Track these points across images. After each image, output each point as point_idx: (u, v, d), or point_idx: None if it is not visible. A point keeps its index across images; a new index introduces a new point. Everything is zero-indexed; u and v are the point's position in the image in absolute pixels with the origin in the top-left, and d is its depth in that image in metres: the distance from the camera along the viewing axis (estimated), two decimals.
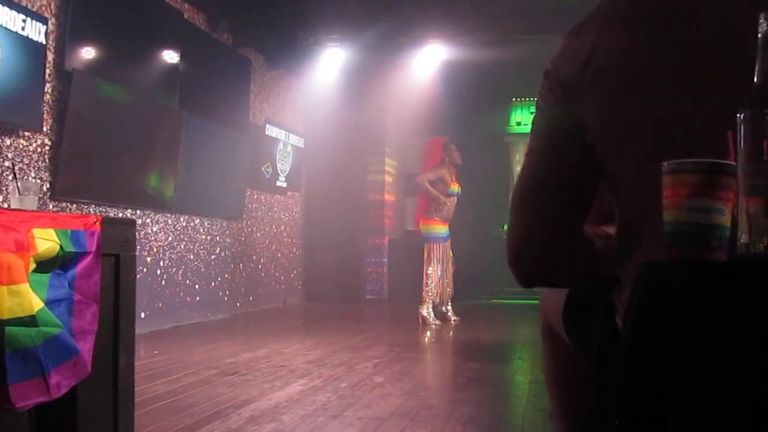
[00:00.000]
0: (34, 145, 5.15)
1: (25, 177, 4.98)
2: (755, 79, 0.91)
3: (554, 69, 1.26)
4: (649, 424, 0.92)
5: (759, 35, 0.91)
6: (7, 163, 4.86)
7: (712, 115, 1.06)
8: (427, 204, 7.28)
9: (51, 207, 5.25)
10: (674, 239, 0.95)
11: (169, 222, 6.91)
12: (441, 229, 7.27)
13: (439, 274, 7.23)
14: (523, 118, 11.10)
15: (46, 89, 5.19)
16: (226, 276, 7.99)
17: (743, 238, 0.91)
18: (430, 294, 7.21)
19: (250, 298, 8.53)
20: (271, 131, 9.07)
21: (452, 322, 7.30)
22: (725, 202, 0.93)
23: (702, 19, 1.14)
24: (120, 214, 6.06)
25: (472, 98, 10.42)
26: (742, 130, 0.90)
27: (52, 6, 5.30)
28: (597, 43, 1.20)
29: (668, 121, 1.14)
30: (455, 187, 7.28)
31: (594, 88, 1.19)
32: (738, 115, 0.91)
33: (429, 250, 7.27)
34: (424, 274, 7.24)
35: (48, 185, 5.26)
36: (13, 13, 4.74)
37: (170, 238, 6.92)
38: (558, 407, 1.66)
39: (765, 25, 0.90)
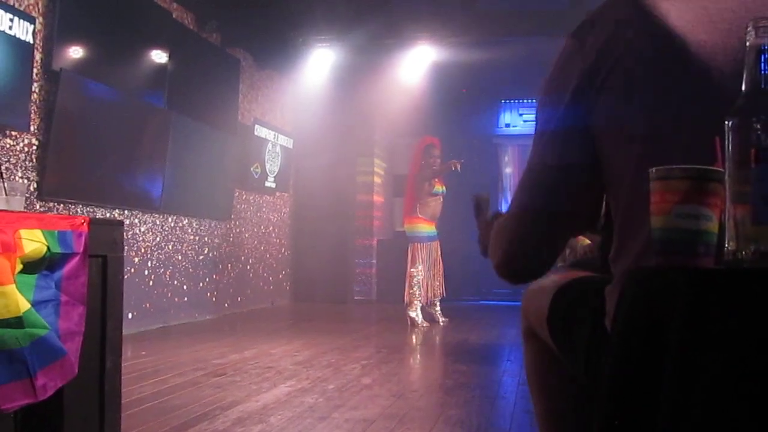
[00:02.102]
0: (21, 144, 5.12)
1: (12, 177, 4.95)
2: (743, 87, 0.92)
3: (561, 72, 1.26)
4: (636, 430, 0.92)
5: (747, 44, 0.92)
6: None
7: (708, 122, 1.06)
8: (412, 202, 7.26)
9: (38, 207, 5.22)
10: (662, 245, 0.96)
11: (157, 222, 6.89)
12: (425, 228, 7.22)
13: (423, 275, 7.18)
14: (512, 120, 11.12)
15: (33, 89, 5.16)
16: (214, 276, 7.97)
17: (730, 245, 0.91)
18: (415, 296, 7.18)
19: (238, 299, 8.51)
20: (260, 131, 9.05)
21: (441, 323, 7.31)
22: (713, 208, 0.94)
23: (706, 24, 1.14)
24: (107, 214, 6.04)
25: (461, 99, 10.44)
26: (730, 137, 0.91)
27: (40, 5, 5.27)
28: (604, 44, 1.20)
29: (665, 126, 1.15)
30: (440, 187, 7.28)
31: (601, 89, 1.20)
32: (726, 122, 0.92)
33: (413, 251, 7.23)
34: (408, 275, 7.19)
35: (35, 185, 5.24)
36: (0, 12, 4.71)
37: (158, 239, 6.89)
38: (541, 410, 1.65)
39: (753, 34, 0.91)
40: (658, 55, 1.16)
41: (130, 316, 6.10)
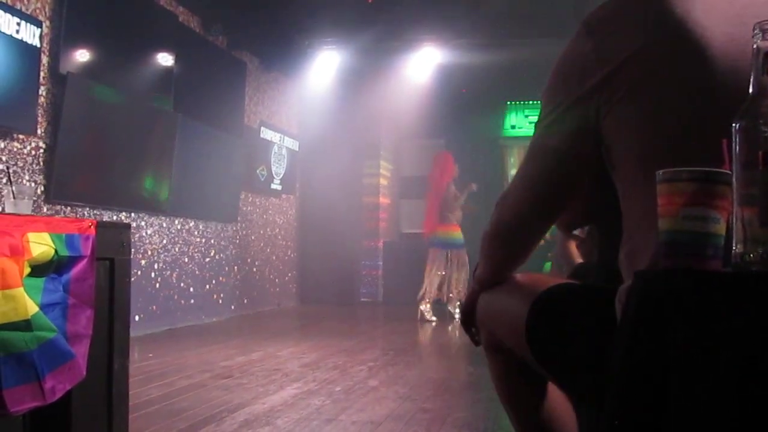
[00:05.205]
0: (29, 148, 5.14)
1: (20, 180, 4.97)
2: (750, 90, 0.92)
3: (574, 67, 1.25)
4: (642, 429, 0.92)
5: (754, 46, 0.92)
6: (0, 166, 4.85)
7: (719, 124, 1.04)
8: (439, 210, 7.86)
9: (45, 210, 5.24)
10: (669, 247, 0.95)
11: (164, 225, 6.90)
12: (458, 234, 7.96)
13: (443, 275, 7.86)
14: (517, 121, 11.11)
15: (40, 92, 5.18)
16: (221, 279, 7.98)
17: (738, 248, 0.91)
18: (428, 294, 7.84)
19: (245, 301, 8.52)
20: (266, 134, 9.07)
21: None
22: (720, 210, 0.93)
23: (714, 28, 1.13)
24: (114, 217, 6.05)
25: (466, 101, 10.43)
26: (737, 139, 0.91)
27: (47, 9, 5.29)
28: (623, 46, 1.18)
29: (681, 127, 1.13)
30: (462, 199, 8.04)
31: (617, 92, 1.18)
32: (733, 124, 0.91)
33: (450, 257, 7.94)
34: (435, 276, 7.88)
35: (42, 188, 5.25)
36: (8, 16, 4.73)
37: (165, 241, 6.91)
38: (517, 425, 1.57)
39: (761, 36, 0.91)
40: (679, 54, 1.14)
41: (137, 318, 6.11)
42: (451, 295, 8.04)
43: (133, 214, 6.37)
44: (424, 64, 8.85)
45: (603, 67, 1.19)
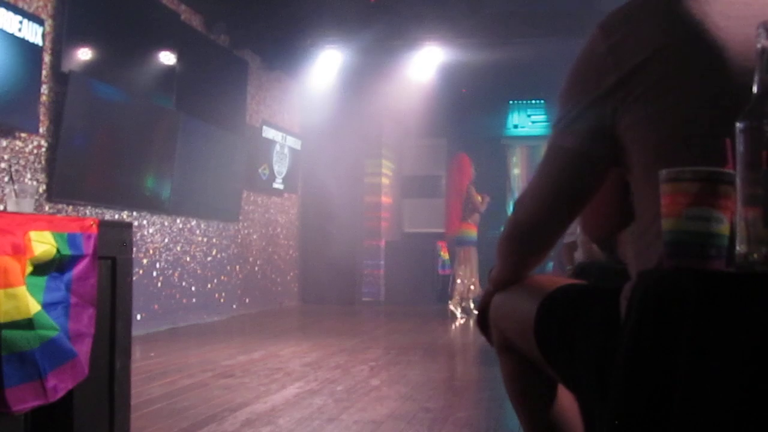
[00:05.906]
0: (31, 146, 5.14)
1: (22, 179, 4.97)
2: (754, 90, 0.91)
3: (589, 69, 1.24)
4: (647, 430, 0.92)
5: (758, 46, 0.91)
6: (3, 165, 4.86)
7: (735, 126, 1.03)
8: (461, 210, 8.19)
9: (47, 209, 5.24)
10: (673, 248, 0.95)
11: (166, 224, 6.90)
12: (475, 233, 8.32)
13: (468, 274, 8.18)
14: (520, 121, 11.12)
15: (42, 91, 5.18)
16: (223, 278, 7.98)
17: (741, 248, 0.91)
18: (458, 292, 8.18)
19: (246, 300, 8.52)
20: (268, 133, 9.07)
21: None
22: (724, 210, 0.93)
23: (723, 30, 1.13)
24: (116, 216, 6.06)
25: (469, 100, 10.43)
26: (741, 139, 0.90)
27: (49, 7, 5.30)
28: (639, 49, 1.17)
29: (695, 128, 1.13)
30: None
31: (632, 93, 1.17)
32: (737, 124, 0.91)
33: (465, 252, 8.25)
34: (457, 275, 8.23)
35: (44, 187, 5.26)
36: (10, 14, 4.73)
37: (166, 240, 6.91)
38: (529, 426, 1.59)
39: (765, 36, 0.90)
40: (696, 55, 1.13)
41: (138, 317, 6.11)
42: (454, 291, 8.30)
43: (134, 213, 6.38)
44: (426, 63, 8.85)
45: (620, 68, 1.18)
